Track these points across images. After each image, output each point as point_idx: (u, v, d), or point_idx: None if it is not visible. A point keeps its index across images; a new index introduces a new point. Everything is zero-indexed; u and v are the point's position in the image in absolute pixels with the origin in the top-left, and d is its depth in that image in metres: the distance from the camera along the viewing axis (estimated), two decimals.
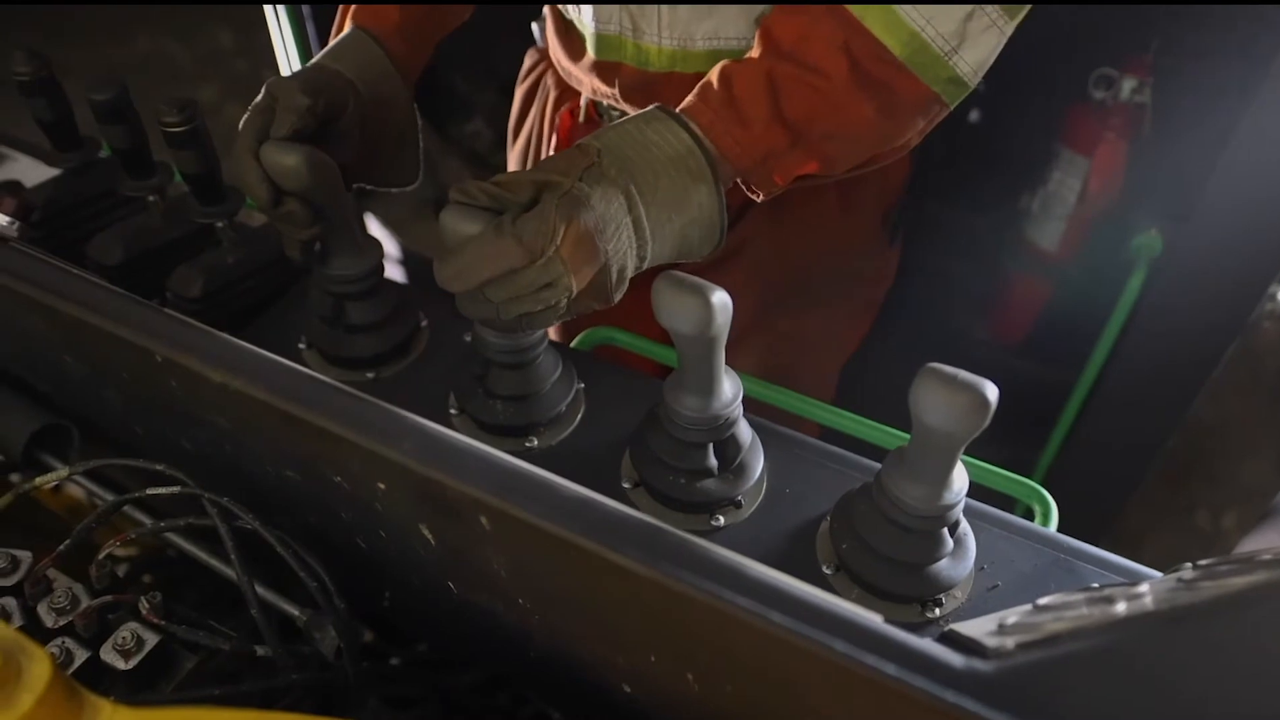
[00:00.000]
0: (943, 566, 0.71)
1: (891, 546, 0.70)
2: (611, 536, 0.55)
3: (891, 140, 0.91)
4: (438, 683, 0.83)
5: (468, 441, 0.63)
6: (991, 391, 0.59)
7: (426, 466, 0.61)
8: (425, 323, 0.97)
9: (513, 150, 1.37)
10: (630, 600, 0.57)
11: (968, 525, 0.74)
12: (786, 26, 0.84)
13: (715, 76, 0.84)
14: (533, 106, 1.29)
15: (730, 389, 0.75)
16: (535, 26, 1.29)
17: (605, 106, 1.13)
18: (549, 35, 1.18)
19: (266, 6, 2.17)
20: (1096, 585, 0.66)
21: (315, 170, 0.80)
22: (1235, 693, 0.47)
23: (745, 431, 0.79)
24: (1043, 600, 0.58)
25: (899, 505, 0.68)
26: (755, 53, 0.85)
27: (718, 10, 0.96)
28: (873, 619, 0.49)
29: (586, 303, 0.77)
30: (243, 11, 3.26)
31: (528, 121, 1.31)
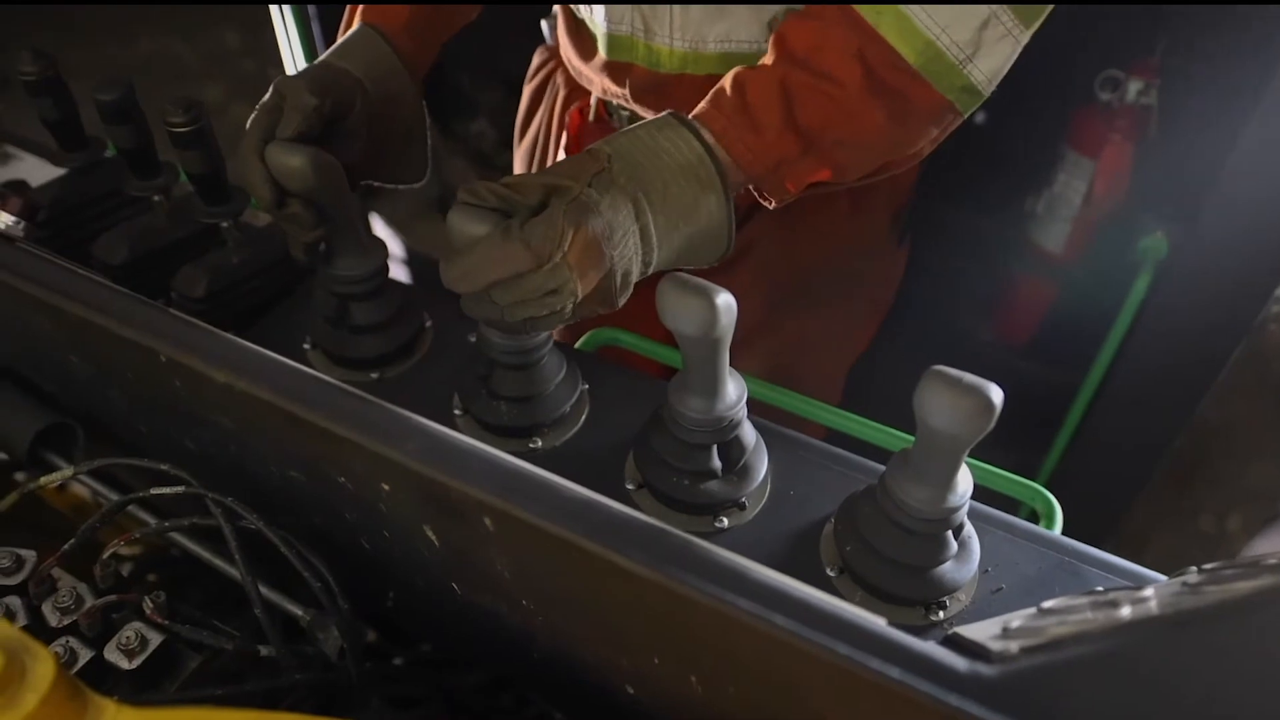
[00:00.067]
0: (947, 569, 0.71)
1: (895, 549, 0.70)
2: (615, 538, 0.55)
3: (904, 148, 0.91)
4: (441, 683, 0.83)
5: (471, 443, 0.63)
6: (996, 395, 0.59)
7: (430, 467, 0.61)
8: (429, 323, 0.97)
9: (519, 148, 1.36)
10: (634, 602, 0.56)
11: (972, 528, 0.74)
12: (801, 34, 0.83)
13: (728, 83, 0.84)
14: (541, 105, 1.29)
15: (734, 390, 0.75)
16: (545, 25, 1.29)
17: (615, 106, 1.13)
18: (560, 34, 1.17)
19: (272, 6, 2.18)
20: (1101, 589, 0.65)
21: (320, 171, 0.80)
22: (1240, 698, 0.47)
23: (749, 433, 0.79)
24: (1047, 604, 0.58)
25: (903, 508, 0.68)
26: (769, 59, 0.84)
27: (730, 13, 0.96)
28: (876, 622, 0.49)
29: (591, 307, 0.77)
30: (248, 11, 3.26)
31: (535, 120, 1.30)
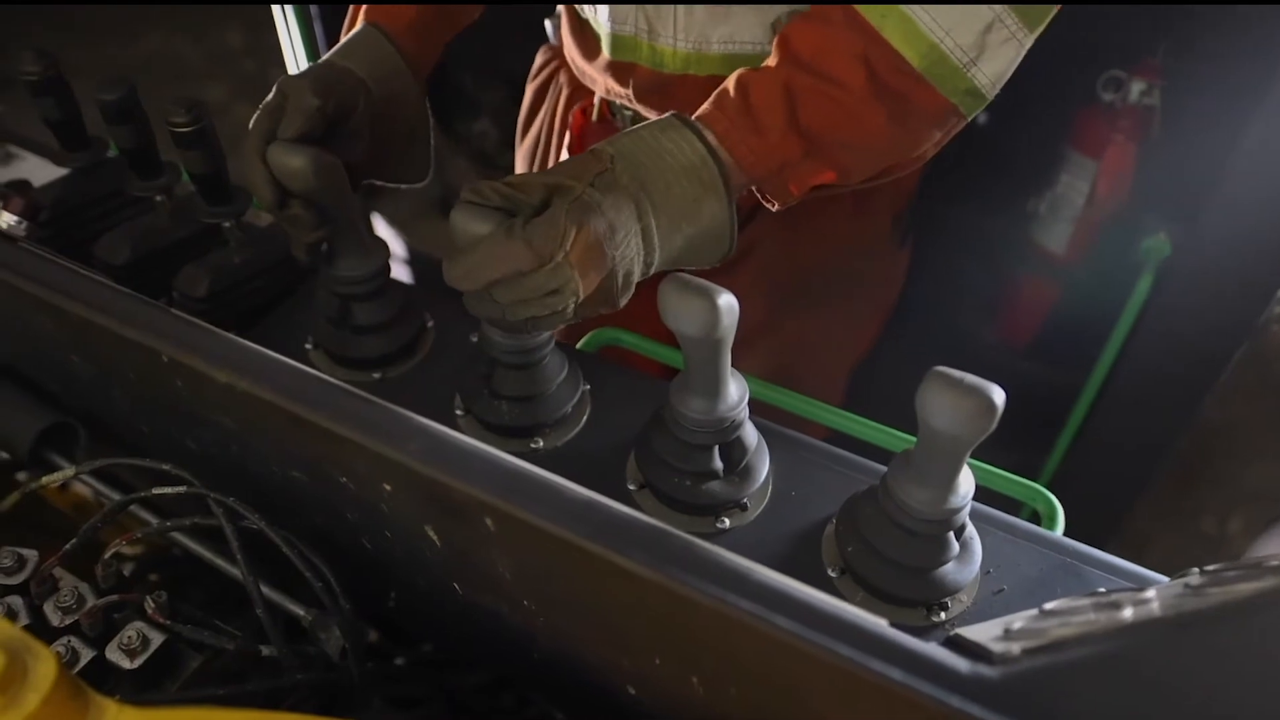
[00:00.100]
0: (948, 570, 0.71)
1: (897, 550, 0.70)
2: (616, 539, 0.55)
3: (908, 151, 0.91)
4: (442, 683, 0.83)
5: (473, 443, 0.63)
6: (998, 396, 0.59)
7: (432, 468, 0.61)
8: (431, 323, 0.97)
9: (521, 147, 1.36)
10: (635, 603, 0.56)
11: (973, 529, 0.74)
12: (805, 36, 0.83)
13: (732, 84, 0.84)
14: (543, 104, 1.29)
15: (736, 391, 0.75)
16: (549, 24, 1.29)
17: (618, 106, 1.13)
18: (564, 33, 1.17)
19: (274, 5, 2.18)
20: (1103, 590, 0.65)
21: (321, 172, 0.80)
22: (1242, 700, 0.47)
23: (751, 434, 0.79)
24: (1049, 605, 0.58)
25: (905, 509, 0.68)
26: (772, 61, 0.84)
27: (734, 14, 0.96)
28: (878, 623, 0.49)
29: (593, 307, 0.77)
30: (251, 10, 3.27)
31: (537, 119, 1.30)
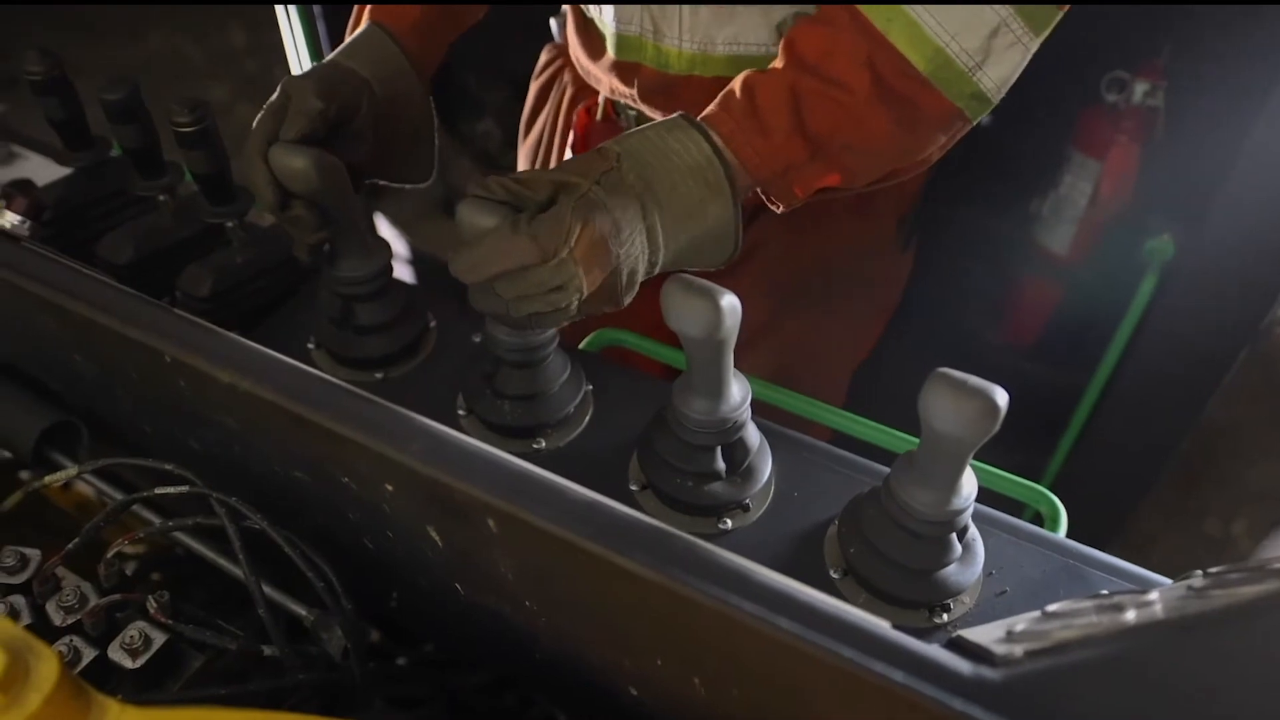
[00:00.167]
0: (951, 572, 0.70)
1: (900, 551, 0.70)
2: (618, 540, 0.55)
3: (912, 155, 0.90)
4: (444, 683, 0.83)
5: (475, 444, 0.63)
6: (1001, 397, 0.59)
7: (434, 469, 0.61)
8: (434, 323, 0.97)
9: (523, 145, 1.36)
10: (637, 604, 0.56)
11: (976, 530, 0.74)
12: (811, 39, 0.83)
13: (738, 86, 0.84)
14: (547, 102, 1.29)
15: (739, 392, 0.75)
16: (554, 23, 1.29)
17: (623, 106, 1.13)
18: (569, 32, 1.17)
19: (277, 6, 2.18)
20: (1106, 592, 0.65)
21: (323, 173, 0.80)
22: (1245, 703, 0.47)
23: (753, 435, 0.79)
24: (1051, 607, 0.58)
25: (907, 510, 0.68)
26: (779, 64, 0.84)
27: (739, 15, 0.96)
28: (880, 625, 0.49)
29: (596, 305, 0.77)
30: (254, 10, 3.27)
31: (540, 117, 1.31)
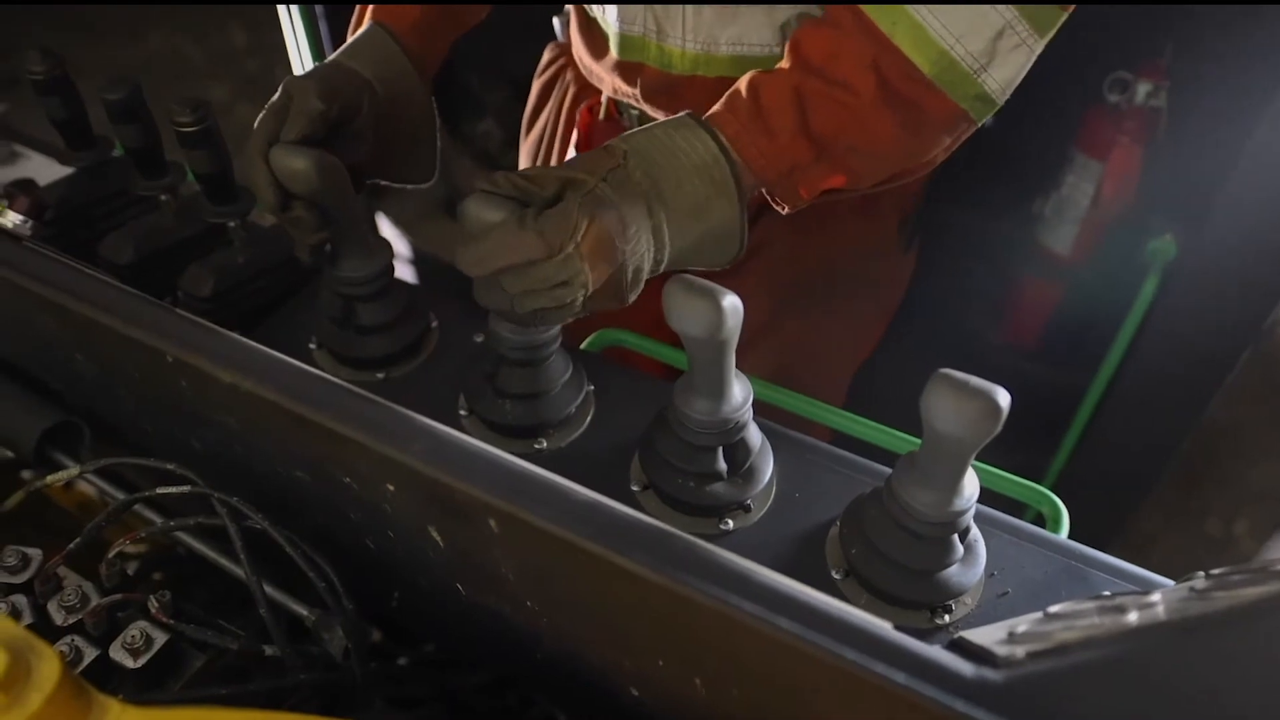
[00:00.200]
0: (953, 573, 0.70)
1: (901, 552, 0.70)
2: (619, 541, 0.55)
3: (917, 156, 0.90)
4: (445, 683, 0.83)
5: (477, 444, 0.63)
6: (1003, 398, 0.59)
7: (435, 469, 0.61)
8: (435, 323, 0.97)
9: (525, 142, 1.37)
10: (638, 604, 0.56)
11: (978, 531, 0.74)
12: (817, 41, 0.83)
13: (744, 86, 0.84)
14: (549, 100, 1.29)
15: (740, 392, 0.75)
16: (557, 21, 1.29)
17: (625, 105, 1.13)
18: (572, 31, 1.17)
19: (279, 6, 2.18)
20: (1108, 594, 0.65)
21: (323, 174, 0.80)
22: (1248, 704, 0.47)
23: (755, 435, 0.79)
24: (1053, 608, 0.57)
25: (909, 511, 0.68)
26: (785, 65, 0.84)
27: (742, 15, 0.96)
28: (882, 626, 0.49)
29: (601, 301, 0.77)
30: (255, 10, 3.27)
31: (543, 115, 1.31)
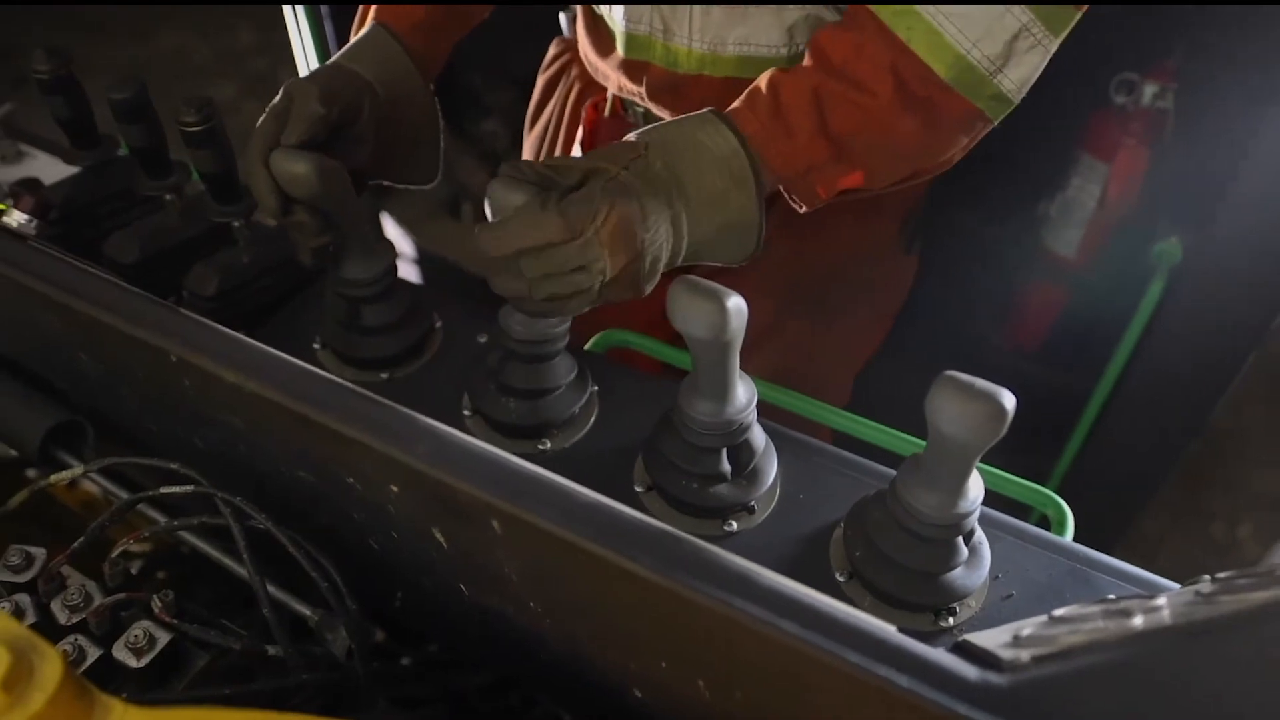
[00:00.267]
0: (957, 575, 0.70)
1: (905, 554, 0.69)
2: (623, 542, 0.54)
3: (935, 156, 0.91)
4: (448, 684, 0.83)
5: (481, 445, 0.63)
6: (1009, 401, 0.58)
7: (439, 470, 0.61)
8: (439, 324, 0.97)
9: (529, 136, 1.37)
10: (641, 606, 0.56)
11: (982, 534, 0.74)
12: (837, 43, 0.84)
13: (764, 84, 0.85)
14: (554, 96, 1.29)
15: (744, 394, 0.75)
16: (563, 17, 1.29)
17: (630, 103, 1.13)
18: (578, 28, 1.17)
19: (285, 5, 2.18)
20: (1113, 597, 0.65)
21: (324, 178, 0.80)
22: (1254, 709, 0.47)
23: (759, 436, 0.79)
24: (1058, 612, 0.57)
25: (913, 513, 0.67)
26: (806, 64, 0.86)
27: (750, 16, 0.96)
28: (885, 628, 0.49)
29: (618, 290, 0.77)
30: (261, 10, 3.28)
31: (547, 110, 1.31)
